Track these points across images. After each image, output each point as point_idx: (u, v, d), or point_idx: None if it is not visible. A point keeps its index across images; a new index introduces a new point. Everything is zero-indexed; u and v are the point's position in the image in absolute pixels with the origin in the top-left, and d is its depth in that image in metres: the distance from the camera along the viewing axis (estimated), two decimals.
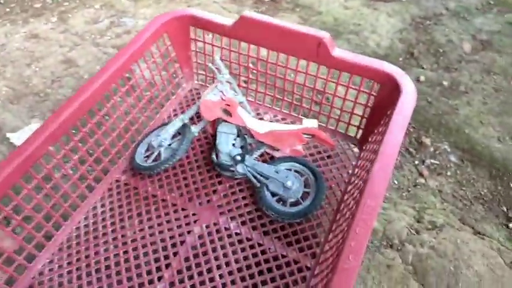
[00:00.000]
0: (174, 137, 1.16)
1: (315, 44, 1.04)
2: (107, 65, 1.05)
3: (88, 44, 1.75)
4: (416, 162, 1.37)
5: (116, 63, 1.05)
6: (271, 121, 1.23)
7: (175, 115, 1.26)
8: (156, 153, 1.13)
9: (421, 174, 1.34)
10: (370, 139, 1.07)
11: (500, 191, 1.29)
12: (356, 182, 0.97)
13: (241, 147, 1.09)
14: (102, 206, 1.08)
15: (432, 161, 1.37)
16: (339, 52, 1.04)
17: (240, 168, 1.04)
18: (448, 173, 1.34)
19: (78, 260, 0.98)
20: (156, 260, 0.96)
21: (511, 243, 1.15)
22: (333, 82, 1.09)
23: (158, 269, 0.95)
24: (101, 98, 1.03)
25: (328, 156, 1.14)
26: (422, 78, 1.60)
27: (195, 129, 1.15)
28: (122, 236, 1.01)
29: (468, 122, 1.48)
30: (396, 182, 1.30)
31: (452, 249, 1.12)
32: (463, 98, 1.55)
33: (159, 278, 0.93)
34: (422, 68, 1.66)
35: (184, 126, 1.15)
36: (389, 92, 0.99)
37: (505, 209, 1.24)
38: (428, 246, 1.13)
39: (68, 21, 1.80)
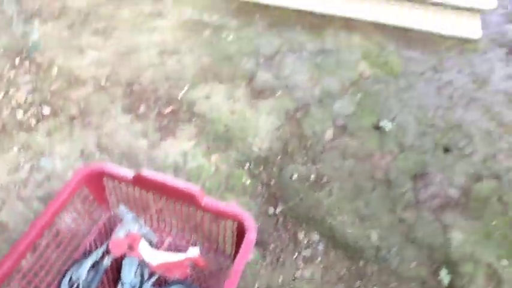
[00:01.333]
0: (93, 266, 1.51)
1: (190, 196, 1.43)
2: (36, 221, 1.39)
3: (13, 199, 1.77)
4: (295, 256, 1.58)
5: (42, 219, 1.40)
6: (169, 245, 1.59)
7: (95, 243, 1.61)
8: (75, 286, 1.47)
9: (298, 267, 1.57)
10: None
11: (354, 269, 1.57)
12: None
13: (141, 275, 1.44)
14: None
15: (306, 252, 1.58)
16: (207, 201, 1.44)
17: None
18: (318, 260, 1.56)
19: None
20: None
21: None
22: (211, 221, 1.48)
23: None
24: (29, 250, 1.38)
25: (210, 273, 1.51)
26: (295, 176, 1.74)
27: (107, 260, 1.50)
28: None
29: (330, 211, 1.68)
30: (280, 281, 1.52)
31: None
32: (326, 188, 1.72)
33: None
34: (296, 163, 1.78)
35: (97, 262, 1.50)
36: (241, 229, 1.38)
37: (358, 284, 1.54)
38: None
39: None
